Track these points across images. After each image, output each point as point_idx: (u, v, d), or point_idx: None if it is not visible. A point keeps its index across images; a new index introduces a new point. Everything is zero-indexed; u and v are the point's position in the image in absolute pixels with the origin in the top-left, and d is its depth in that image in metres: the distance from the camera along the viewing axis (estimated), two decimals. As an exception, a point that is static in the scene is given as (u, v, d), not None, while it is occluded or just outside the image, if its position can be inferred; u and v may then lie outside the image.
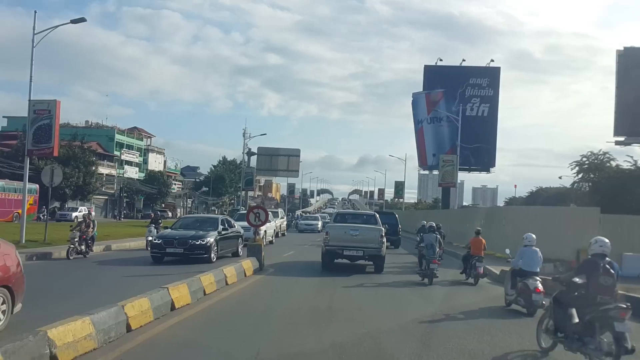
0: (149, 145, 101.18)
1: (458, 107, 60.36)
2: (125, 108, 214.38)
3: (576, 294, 8.01)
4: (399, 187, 72.08)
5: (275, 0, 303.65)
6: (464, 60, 61.44)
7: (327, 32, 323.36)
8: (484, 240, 18.14)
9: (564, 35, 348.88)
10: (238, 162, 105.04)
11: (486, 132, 60.82)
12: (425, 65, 63.04)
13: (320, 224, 52.58)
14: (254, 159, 63.69)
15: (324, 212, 76.47)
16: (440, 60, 62.09)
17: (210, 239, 19.90)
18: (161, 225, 26.40)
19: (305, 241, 36.31)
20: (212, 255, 19.72)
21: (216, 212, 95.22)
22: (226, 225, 22.18)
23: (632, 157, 55.60)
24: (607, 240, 8.22)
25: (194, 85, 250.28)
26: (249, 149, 63.12)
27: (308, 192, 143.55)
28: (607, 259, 8.05)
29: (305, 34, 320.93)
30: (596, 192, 54.23)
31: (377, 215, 22.55)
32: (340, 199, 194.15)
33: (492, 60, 62.14)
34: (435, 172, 63.34)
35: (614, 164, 58.40)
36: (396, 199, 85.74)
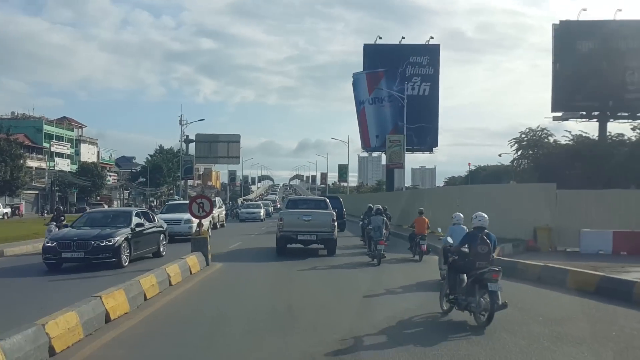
0: (80, 135, 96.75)
1: (399, 87, 59.85)
2: (54, 98, 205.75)
3: (464, 262, 9.50)
4: (343, 170, 71.16)
5: None
6: (403, 37, 60.86)
7: (261, 14, 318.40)
8: (427, 220, 18.93)
9: (495, 13, 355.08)
10: (175, 150, 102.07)
11: (428, 111, 60.41)
12: (364, 44, 62.11)
13: (263, 212, 50.29)
14: (192, 147, 61.46)
15: (265, 199, 74.68)
16: (380, 38, 61.35)
17: (119, 238, 16.16)
18: (64, 222, 21.46)
19: (249, 230, 34.47)
20: (123, 258, 16.15)
21: (154, 203, 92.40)
22: (143, 219, 18.32)
23: (569, 132, 56.16)
24: (485, 215, 9.60)
25: (126, 73, 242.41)
26: (187, 137, 60.82)
27: (249, 179, 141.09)
28: (485, 230, 9.43)
29: (238, 17, 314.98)
30: (536, 168, 54.44)
31: (328, 200, 22.82)
32: (281, 185, 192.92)
33: (432, 37, 62.14)
34: (378, 153, 62.83)
35: (551, 139, 58.94)
36: (340, 183, 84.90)
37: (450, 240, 11.95)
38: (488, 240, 9.35)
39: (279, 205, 65.23)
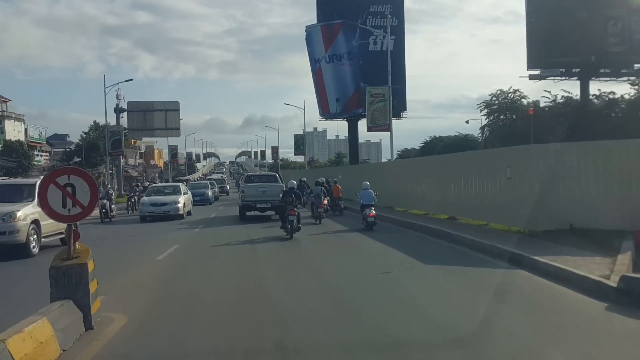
0: (4, 111, 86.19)
1: (360, 41, 52.61)
2: None
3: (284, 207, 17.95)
4: (299, 141, 62.91)
5: None
6: (361, -15, 53.04)
7: None
8: (340, 187, 26.41)
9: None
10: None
11: (394, 69, 52.91)
12: (318, -7, 54.12)
13: (210, 192, 42.55)
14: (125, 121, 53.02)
15: (210, 179, 63.72)
16: (334, -14, 53.30)
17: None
18: None
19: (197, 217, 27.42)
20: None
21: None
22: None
23: (549, 92, 50.94)
24: (293, 181, 20.26)
25: (62, 49, 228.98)
26: (117, 105, 52.30)
27: (193, 156, 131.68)
28: (294, 190, 18.81)
29: None
30: (511, 135, 49.31)
31: (277, 175, 28.39)
32: (227, 163, 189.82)
33: (393, -15, 54.11)
34: (323, 128, 55.53)
35: (525, 102, 53.91)
36: (295, 156, 76.87)
37: (361, 200, 19.65)
38: (292, 195, 18.09)
39: (227, 187, 57.59)
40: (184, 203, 27.20)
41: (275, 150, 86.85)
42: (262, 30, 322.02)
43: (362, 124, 56.69)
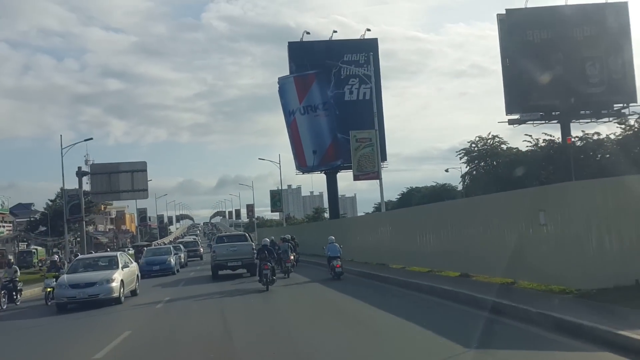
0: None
1: (335, 91, 50.51)
2: None
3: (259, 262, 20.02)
4: (276, 197, 59.33)
5: (108, 22, 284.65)
6: (335, 32, 51.11)
7: (167, 51, 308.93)
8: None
9: (396, 40, 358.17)
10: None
11: (371, 118, 50.78)
12: (289, 42, 51.90)
13: (173, 259, 34.31)
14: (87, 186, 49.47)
15: (181, 242, 58.21)
16: (307, 33, 51.31)
17: None
18: None
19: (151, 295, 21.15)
20: None
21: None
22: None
23: (530, 135, 49.56)
24: (266, 239, 22.35)
25: (31, 119, 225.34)
26: (79, 168, 48.83)
27: (165, 219, 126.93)
28: (267, 247, 20.75)
29: (144, 56, 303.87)
30: (495, 181, 46.67)
31: (247, 234, 30.07)
32: (202, 224, 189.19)
33: (368, 30, 52.30)
34: (298, 185, 52.83)
35: (504, 147, 52.33)
36: (271, 213, 73.02)
37: (328, 252, 21.60)
38: (265, 252, 19.98)
39: (200, 250, 52.91)
40: (122, 280, 19.47)
41: (250, 208, 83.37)
42: (232, 91, 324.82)
43: (341, 177, 54.22)
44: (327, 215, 69.62)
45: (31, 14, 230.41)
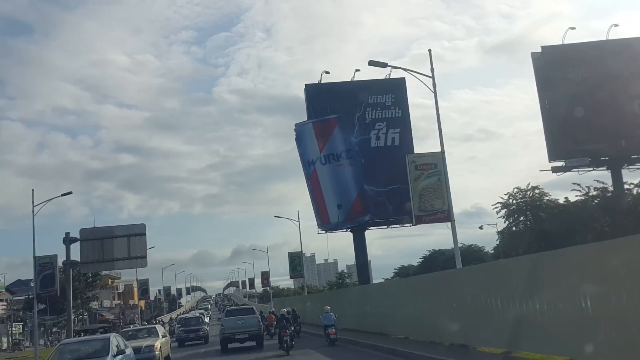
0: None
1: (360, 137, 44.26)
2: None
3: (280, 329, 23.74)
4: (296, 260, 51.60)
5: (121, 99, 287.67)
6: (357, 70, 45.11)
7: (179, 125, 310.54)
8: (273, 317, 33.64)
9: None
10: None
11: (402, 166, 44.13)
12: (306, 85, 45.94)
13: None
14: (77, 250, 42.63)
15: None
16: (327, 73, 45.28)
17: None
18: None
19: None
20: None
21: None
22: None
23: (578, 184, 43.35)
24: (283, 309, 27.75)
25: (45, 196, 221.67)
26: (66, 234, 42.12)
27: (173, 291, 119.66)
28: (284, 316, 24.05)
29: (157, 130, 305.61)
30: (539, 237, 42.41)
31: (254, 307, 33.01)
32: (214, 296, 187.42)
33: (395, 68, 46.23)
34: (342, 231, 45.84)
35: (546, 199, 47.10)
36: (291, 279, 64.65)
37: (324, 321, 24.12)
38: (284, 320, 23.04)
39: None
40: None
41: (265, 276, 75.83)
42: (244, 162, 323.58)
43: (370, 234, 47.36)
44: (349, 280, 62.48)
45: (47, 94, 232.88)
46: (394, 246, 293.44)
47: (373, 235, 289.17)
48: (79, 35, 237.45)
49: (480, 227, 63.34)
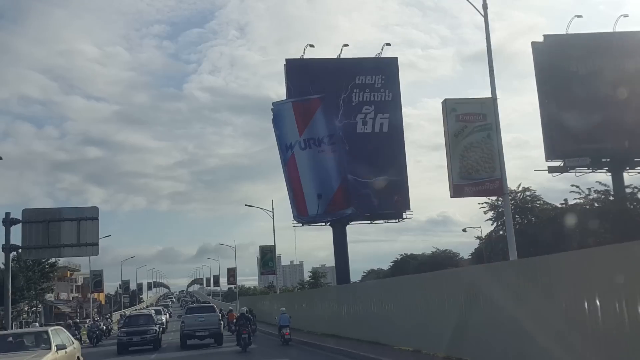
0: None
1: (344, 121, 39.80)
2: None
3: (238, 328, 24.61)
4: (268, 255, 46.13)
5: (89, 91, 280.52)
6: (346, 45, 40.52)
7: (148, 120, 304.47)
8: (234, 314, 33.88)
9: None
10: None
11: (390, 155, 39.95)
12: (287, 60, 40.98)
13: None
14: (18, 233, 37.28)
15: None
16: (311, 46, 40.50)
17: None
18: None
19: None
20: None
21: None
22: None
23: (577, 186, 40.03)
24: (243, 308, 26.49)
25: (7, 186, 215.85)
26: (6, 214, 36.83)
27: (133, 286, 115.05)
28: (244, 315, 24.12)
29: (125, 124, 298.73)
30: (528, 242, 37.97)
31: (214, 305, 33.75)
32: (177, 293, 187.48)
33: (388, 44, 41.80)
34: (320, 225, 41.38)
35: (540, 203, 44.32)
36: (263, 275, 59.28)
37: (280, 321, 24.66)
38: (243, 319, 23.32)
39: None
40: None
41: (231, 272, 70.52)
42: (213, 160, 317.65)
43: (351, 229, 42.84)
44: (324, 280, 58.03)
45: (12, 82, 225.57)
46: (359, 251, 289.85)
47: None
48: (47, 24, 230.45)
49: (464, 230, 59.43)
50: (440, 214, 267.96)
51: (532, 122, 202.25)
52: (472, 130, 16.64)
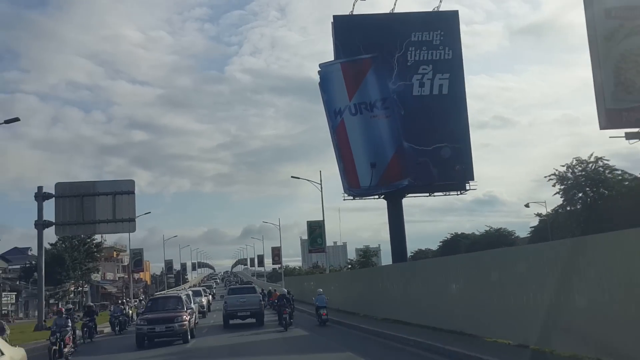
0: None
1: (399, 83, 36.07)
2: None
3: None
4: (316, 231, 42.70)
5: (134, 75, 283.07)
6: (398, -2, 36.61)
7: (191, 103, 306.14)
8: (277, 293, 33.35)
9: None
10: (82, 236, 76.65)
11: (451, 120, 36.06)
12: (334, 17, 37.06)
13: None
14: (50, 208, 35.02)
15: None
16: (362, -1, 36.67)
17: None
18: None
19: None
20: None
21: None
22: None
23: None
24: (284, 289, 29.11)
25: (58, 169, 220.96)
26: (39, 188, 34.56)
27: (177, 266, 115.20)
28: (285, 296, 25.78)
29: (169, 107, 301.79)
30: (599, 219, 35.73)
31: (255, 286, 36.82)
32: (222, 273, 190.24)
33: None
34: (374, 198, 37.82)
35: (617, 173, 40.09)
36: (310, 252, 55.93)
37: (317, 302, 25.28)
38: (284, 299, 24.85)
39: (202, 303, 39.03)
40: None
41: (276, 251, 67.51)
42: (255, 142, 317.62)
43: (408, 202, 39.17)
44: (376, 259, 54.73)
45: (60, 68, 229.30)
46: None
47: (380, 220, 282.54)
48: (92, 9, 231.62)
49: (527, 205, 55.52)
50: (486, 194, 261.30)
51: (583, 97, 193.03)
52: (631, 31, 12.45)
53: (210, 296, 51.39)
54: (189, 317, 22.45)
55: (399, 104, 36.01)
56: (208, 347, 20.51)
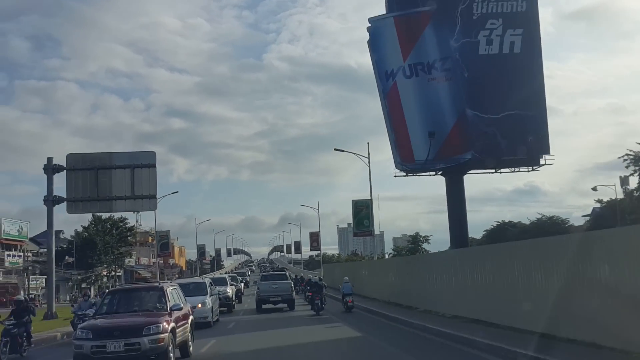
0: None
1: (462, 41, 30.80)
2: (29, 186, 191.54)
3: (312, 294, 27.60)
4: (363, 212, 37.32)
5: (172, 63, 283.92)
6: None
7: (229, 91, 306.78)
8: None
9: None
10: (116, 218, 73.85)
11: (523, 83, 30.67)
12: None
13: None
14: (61, 181, 30.92)
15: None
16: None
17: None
18: None
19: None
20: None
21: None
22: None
23: None
24: (309, 276, 39.35)
25: None
26: (48, 159, 30.48)
27: (211, 252, 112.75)
28: (312, 281, 30.00)
29: (207, 95, 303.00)
30: None
31: (287, 273, 36.40)
32: (258, 260, 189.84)
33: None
34: (431, 173, 32.71)
35: None
36: (356, 236, 50.81)
37: (343, 289, 26.32)
38: (316, 287, 26.34)
39: (239, 286, 40.06)
40: None
41: (314, 237, 62.88)
42: (293, 130, 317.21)
43: (469, 180, 34.17)
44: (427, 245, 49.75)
45: (100, 55, 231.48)
46: (441, 222, 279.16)
47: (419, 209, 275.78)
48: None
49: (594, 189, 50.65)
50: (527, 184, 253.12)
51: (630, 85, 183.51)
52: None
53: (243, 284, 46.81)
54: (172, 324, 12.45)
55: (462, 65, 30.84)
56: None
